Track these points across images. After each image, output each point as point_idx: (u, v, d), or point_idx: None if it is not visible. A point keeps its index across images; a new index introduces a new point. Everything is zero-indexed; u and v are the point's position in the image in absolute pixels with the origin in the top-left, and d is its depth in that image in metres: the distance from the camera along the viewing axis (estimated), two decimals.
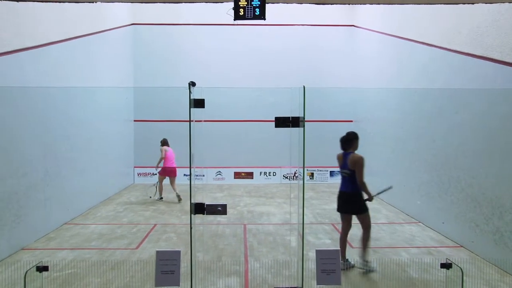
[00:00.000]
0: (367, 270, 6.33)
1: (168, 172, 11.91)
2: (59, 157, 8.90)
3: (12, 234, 7.06)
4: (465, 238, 7.56)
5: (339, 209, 6.81)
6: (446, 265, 4.45)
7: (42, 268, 4.38)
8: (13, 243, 7.12)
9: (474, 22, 7.38)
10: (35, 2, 6.69)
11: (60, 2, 6.78)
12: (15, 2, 6.49)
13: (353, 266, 6.49)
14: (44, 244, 7.76)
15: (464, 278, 4.43)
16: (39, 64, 8.10)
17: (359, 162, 6.38)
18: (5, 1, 6.36)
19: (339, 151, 6.84)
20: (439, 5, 7.04)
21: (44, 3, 6.96)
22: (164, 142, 12.13)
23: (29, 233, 7.66)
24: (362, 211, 6.55)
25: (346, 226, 6.73)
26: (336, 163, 6.91)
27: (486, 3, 6.55)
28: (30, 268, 4.32)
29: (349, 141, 6.63)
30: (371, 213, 6.74)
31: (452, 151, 8.04)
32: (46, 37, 8.36)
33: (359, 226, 6.69)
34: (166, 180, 12.07)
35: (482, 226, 7.04)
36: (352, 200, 6.55)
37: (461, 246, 7.62)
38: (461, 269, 4.33)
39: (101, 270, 6.35)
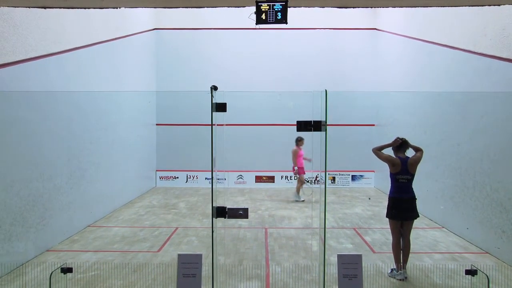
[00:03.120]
0: (405, 278, 6.24)
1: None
2: (82, 161, 9.06)
3: (38, 236, 7.21)
4: (491, 244, 7.42)
5: (399, 217, 6.41)
6: (471, 272, 4.40)
7: (66, 270, 4.48)
8: (39, 244, 7.27)
9: (500, 24, 7.25)
10: (61, 9, 6.83)
11: (85, 8, 6.91)
12: (42, 9, 6.64)
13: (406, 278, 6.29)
14: (68, 246, 7.90)
15: (490, 285, 4.35)
16: (64, 69, 8.27)
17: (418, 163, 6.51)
18: (32, 8, 6.52)
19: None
20: (463, 7, 6.93)
21: (69, 9, 7.11)
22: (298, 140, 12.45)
23: (54, 235, 7.81)
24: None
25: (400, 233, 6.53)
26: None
27: None
28: (55, 270, 4.42)
29: (405, 144, 6.53)
30: None
31: (477, 156, 7.91)
32: (71, 42, 8.53)
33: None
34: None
35: (509, 232, 6.89)
36: (415, 205, 6.50)
37: (487, 253, 7.47)
38: (487, 276, 4.25)
39: (124, 272, 6.43)
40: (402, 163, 6.39)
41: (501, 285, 5.96)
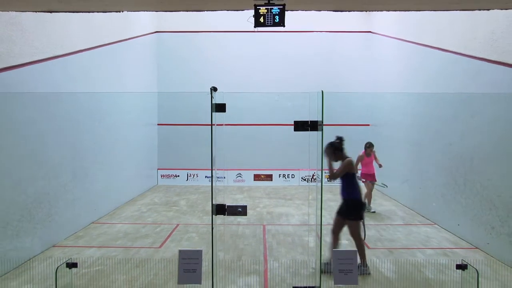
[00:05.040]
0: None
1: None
2: (86, 160, 9.24)
3: (44, 232, 7.42)
4: (481, 240, 7.64)
5: (362, 216, 6.65)
6: (462, 267, 4.47)
7: (71, 265, 4.57)
8: (45, 240, 7.48)
9: (490, 28, 7.46)
10: (66, 13, 7.01)
11: (88, 12, 7.10)
12: (48, 13, 6.82)
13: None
14: (73, 242, 8.10)
15: (480, 279, 4.41)
16: (68, 71, 8.45)
17: None
18: (38, 13, 6.70)
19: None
20: (455, 11, 7.13)
21: (74, 13, 7.29)
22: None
23: (59, 231, 8.02)
24: None
25: None
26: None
27: (501, 9, 6.63)
28: (60, 264, 4.53)
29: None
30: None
31: (468, 155, 8.13)
32: (75, 45, 8.71)
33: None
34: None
35: (498, 228, 7.11)
36: None
37: (477, 248, 7.69)
38: (477, 271, 4.35)
39: (127, 267, 6.60)
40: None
41: (490, 279, 6.14)
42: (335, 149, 6.57)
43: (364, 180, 10.79)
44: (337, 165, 6.64)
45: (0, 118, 6.40)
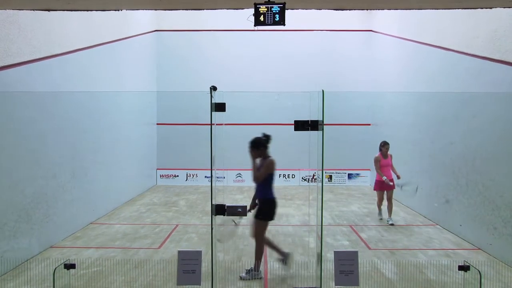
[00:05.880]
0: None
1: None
2: (85, 160, 9.20)
3: (42, 233, 7.36)
4: (483, 240, 7.59)
5: (273, 218, 6.55)
6: (464, 268, 4.44)
7: (69, 266, 4.52)
8: (42, 241, 7.42)
9: (492, 27, 7.41)
10: (64, 11, 6.96)
11: (87, 10, 7.05)
12: (46, 12, 6.77)
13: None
14: (71, 242, 8.05)
15: (483, 280, 4.39)
16: (67, 70, 8.41)
17: None
18: (36, 11, 6.65)
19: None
20: (457, 10, 7.09)
21: (72, 11, 7.24)
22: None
23: (57, 232, 7.96)
24: None
25: None
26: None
27: (504, 7, 6.60)
28: (58, 266, 4.48)
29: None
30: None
31: (470, 154, 8.08)
32: (74, 44, 8.67)
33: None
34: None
35: (501, 229, 7.06)
36: None
37: (479, 249, 7.64)
38: (479, 272, 4.31)
39: (125, 268, 6.53)
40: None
41: (493, 280, 6.07)
42: (261, 145, 6.44)
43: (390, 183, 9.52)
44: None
45: None
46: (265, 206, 6.40)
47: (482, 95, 7.63)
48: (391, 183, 9.57)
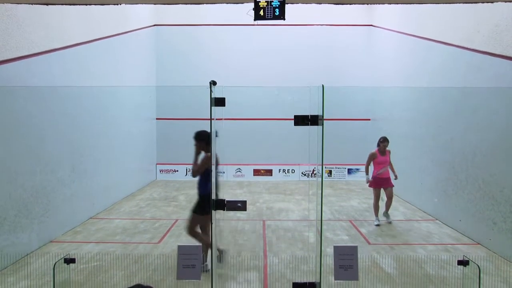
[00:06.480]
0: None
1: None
2: (84, 154, 9.18)
3: (41, 227, 7.36)
4: (483, 235, 7.59)
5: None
6: (463, 262, 4.44)
7: (69, 260, 4.50)
8: (42, 236, 7.42)
9: (493, 21, 7.38)
10: (63, 5, 6.92)
11: (86, 4, 7.02)
12: (44, 6, 6.73)
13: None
14: (71, 237, 8.05)
15: (481, 275, 4.38)
16: (66, 65, 8.37)
17: None
18: (35, 5, 6.61)
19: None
20: (458, 4, 7.05)
21: (71, 5, 7.21)
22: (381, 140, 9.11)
23: (57, 227, 7.96)
24: None
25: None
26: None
27: (505, 1, 6.54)
28: (58, 260, 4.47)
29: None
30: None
31: (470, 150, 8.06)
32: (72, 38, 8.63)
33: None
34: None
35: (500, 224, 7.06)
36: None
37: (478, 244, 7.65)
38: (479, 267, 4.31)
39: (125, 263, 6.54)
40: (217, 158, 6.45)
41: (492, 275, 6.09)
42: (202, 139, 6.24)
43: (373, 186, 9.05)
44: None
45: None
46: (203, 201, 6.34)
47: (483, 90, 7.61)
48: (367, 184, 9.11)
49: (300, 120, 4.98)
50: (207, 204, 6.23)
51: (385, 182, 8.96)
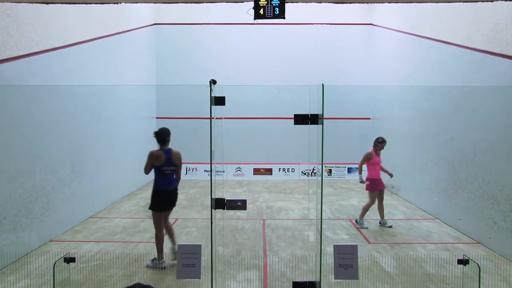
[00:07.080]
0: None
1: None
2: (84, 153, 9.18)
3: (41, 227, 7.36)
4: (482, 234, 7.59)
5: (165, 208, 6.67)
6: (463, 261, 4.44)
7: (69, 259, 4.51)
8: (42, 235, 7.42)
9: (493, 20, 7.38)
10: (63, 4, 6.92)
11: (86, 3, 7.01)
12: (44, 5, 6.73)
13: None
14: (71, 236, 8.04)
15: (481, 274, 4.38)
16: (66, 64, 8.37)
17: (181, 157, 6.79)
18: (35, 4, 6.61)
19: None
20: (458, 3, 7.04)
21: (71, 4, 7.19)
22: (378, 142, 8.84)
23: (57, 226, 7.95)
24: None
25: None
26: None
27: (505, 0, 6.55)
28: (58, 259, 4.48)
29: (168, 137, 6.69)
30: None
31: (470, 149, 8.06)
32: (72, 37, 8.62)
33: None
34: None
35: (500, 223, 7.06)
36: (176, 195, 6.87)
37: (478, 243, 7.65)
38: (478, 266, 4.31)
39: (125, 262, 6.54)
40: (165, 155, 6.59)
41: (492, 274, 6.10)
42: (155, 136, 6.62)
43: (371, 189, 8.67)
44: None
45: None
46: (152, 196, 6.59)
47: (482, 89, 7.60)
48: (362, 183, 8.82)
49: (300, 119, 4.97)
50: (155, 200, 6.49)
51: (380, 183, 8.74)
